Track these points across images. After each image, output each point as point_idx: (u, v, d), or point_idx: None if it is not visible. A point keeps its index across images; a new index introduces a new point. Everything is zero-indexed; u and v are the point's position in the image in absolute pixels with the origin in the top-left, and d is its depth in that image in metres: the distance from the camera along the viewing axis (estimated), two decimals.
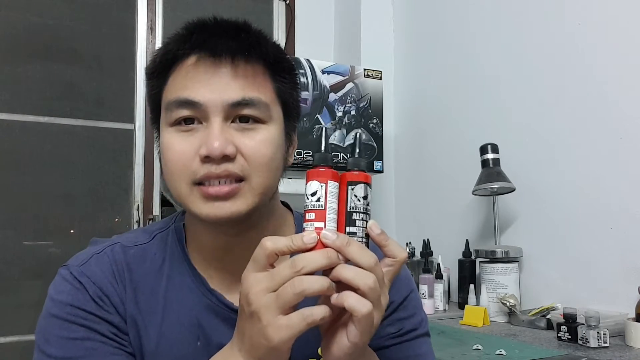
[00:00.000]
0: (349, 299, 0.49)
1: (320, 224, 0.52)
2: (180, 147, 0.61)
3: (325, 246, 0.50)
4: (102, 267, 0.67)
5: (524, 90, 1.79)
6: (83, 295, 0.64)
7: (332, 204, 0.53)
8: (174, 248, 0.71)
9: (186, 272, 0.69)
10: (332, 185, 0.53)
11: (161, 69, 0.64)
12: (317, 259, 0.49)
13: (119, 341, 0.65)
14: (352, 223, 0.53)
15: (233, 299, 0.68)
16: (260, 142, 0.62)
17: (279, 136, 0.64)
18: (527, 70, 1.78)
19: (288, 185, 0.71)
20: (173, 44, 0.63)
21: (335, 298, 0.49)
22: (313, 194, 0.53)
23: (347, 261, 0.51)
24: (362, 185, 0.54)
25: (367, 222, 0.54)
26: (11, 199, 2.07)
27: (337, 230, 0.53)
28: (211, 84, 0.60)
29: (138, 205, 2.23)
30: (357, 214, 0.53)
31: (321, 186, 0.53)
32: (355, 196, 0.53)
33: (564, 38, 1.65)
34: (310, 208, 0.53)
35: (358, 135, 0.59)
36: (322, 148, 0.55)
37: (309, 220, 0.52)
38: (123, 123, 2.27)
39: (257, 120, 0.62)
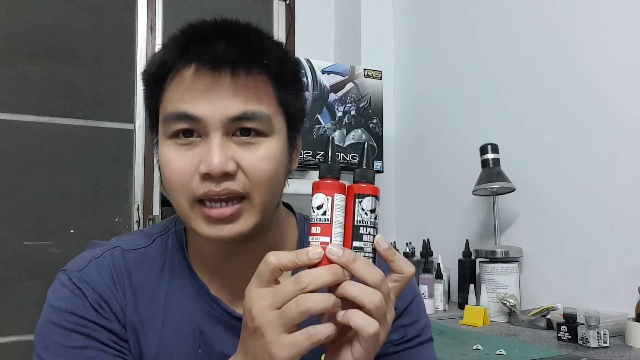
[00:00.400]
0: (356, 318, 0.48)
1: (326, 239, 0.50)
2: (179, 163, 0.59)
3: (330, 262, 0.49)
4: (101, 272, 0.65)
5: (524, 90, 1.79)
6: (82, 302, 0.63)
7: (338, 217, 0.51)
8: (174, 252, 0.69)
9: (187, 278, 0.68)
10: (339, 198, 0.52)
11: (157, 78, 0.61)
12: (323, 275, 0.48)
13: (118, 349, 0.64)
14: (359, 237, 0.52)
15: (235, 305, 0.67)
16: (262, 158, 0.60)
17: (281, 149, 0.62)
18: (527, 70, 1.78)
19: (288, 186, 0.70)
20: (170, 54, 0.60)
21: (341, 316, 0.48)
22: (319, 207, 0.51)
23: (354, 277, 0.50)
24: (370, 198, 0.52)
25: (374, 236, 0.52)
26: (11, 199, 2.07)
27: (344, 244, 0.52)
28: (210, 98, 0.58)
29: (138, 205, 2.23)
30: (364, 227, 0.52)
31: (327, 199, 0.51)
32: (363, 209, 0.52)
33: (564, 38, 1.65)
34: (316, 222, 0.51)
35: (367, 146, 0.55)
36: (329, 159, 0.53)
37: (314, 235, 0.51)
38: (123, 123, 2.26)
39: (259, 133, 0.60)
